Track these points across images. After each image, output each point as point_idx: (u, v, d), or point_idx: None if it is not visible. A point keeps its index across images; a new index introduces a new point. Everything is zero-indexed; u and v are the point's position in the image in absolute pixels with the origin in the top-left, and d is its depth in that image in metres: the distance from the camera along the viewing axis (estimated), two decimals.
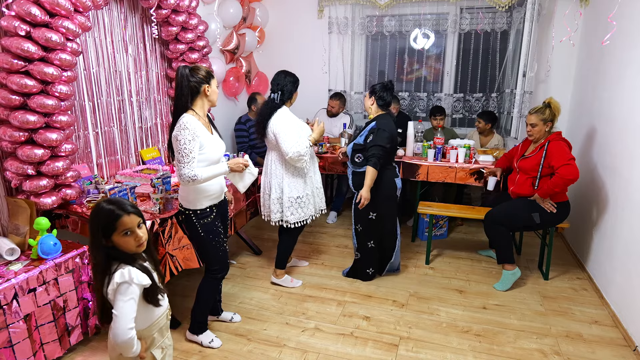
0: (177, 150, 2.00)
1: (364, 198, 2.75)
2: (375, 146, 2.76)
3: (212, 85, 2.13)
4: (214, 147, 2.14)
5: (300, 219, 2.84)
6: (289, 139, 2.63)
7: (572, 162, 2.69)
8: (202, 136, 2.05)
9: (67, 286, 2.18)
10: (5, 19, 2.08)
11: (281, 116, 2.68)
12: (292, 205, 2.79)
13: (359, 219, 2.98)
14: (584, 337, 2.47)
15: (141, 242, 1.44)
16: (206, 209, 2.20)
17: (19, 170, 2.24)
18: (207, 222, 2.21)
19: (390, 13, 4.29)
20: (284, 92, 2.72)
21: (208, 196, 2.19)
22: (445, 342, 2.43)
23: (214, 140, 2.15)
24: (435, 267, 3.34)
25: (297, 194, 2.79)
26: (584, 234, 3.27)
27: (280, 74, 2.77)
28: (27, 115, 2.17)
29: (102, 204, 1.42)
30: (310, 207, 2.86)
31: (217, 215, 2.27)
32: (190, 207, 2.18)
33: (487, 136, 4.07)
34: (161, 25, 3.22)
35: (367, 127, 2.88)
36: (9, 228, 2.33)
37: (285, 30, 4.67)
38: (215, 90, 2.16)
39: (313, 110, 4.49)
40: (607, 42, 2.91)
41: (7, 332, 1.90)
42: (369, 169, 2.75)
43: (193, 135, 1.99)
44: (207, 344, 2.37)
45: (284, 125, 2.65)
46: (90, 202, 2.53)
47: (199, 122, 2.07)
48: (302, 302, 2.84)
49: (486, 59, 4.24)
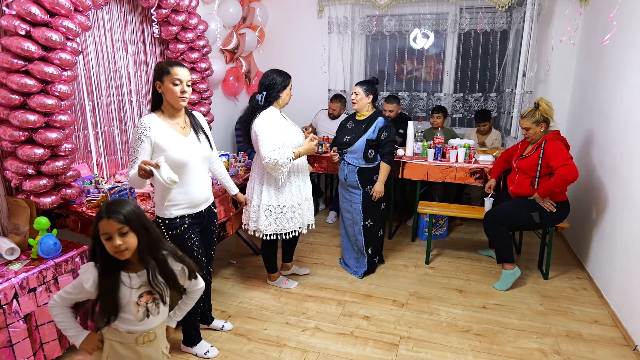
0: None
1: (379, 192, 2.95)
2: (390, 142, 2.93)
3: (165, 82, 1.92)
4: (180, 149, 1.95)
5: (276, 232, 2.64)
6: (267, 142, 2.45)
7: (571, 161, 2.69)
8: (159, 137, 1.91)
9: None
10: (5, 18, 2.08)
11: (264, 118, 2.51)
12: (270, 215, 2.62)
13: (370, 214, 3.04)
14: (584, 337, 2.47)
15: (118, 250, 1.35)
16: (175, 219, 2.02)
17: (19, 170, 2.23)
18: (176, 233, 2.04)
19: (390, 13, 4.29)
20: (270, 92, 2.56)
21: (178, 205, 2.00)
22: (446, 341, 2.43)
23: (182, 142, 1.98)
24: (435, 266, 3.34)
25: (278, 203, 2.61)
26: (584, 234, 3.28)
27: (267, 73, 2.60)
28: (27, 115, 2.17)
29: (107, 202, 1.41)
30: (294, 221, 2.66)
31: (190, 226, 2.07)
32: (159, 215, 2.04)
33: (485, 133, 4.07)
34: (161, 25, 3.22)
35: (376, 124, 2.91)
36: (8, 227, 2.33)
37: (285, 30, 4.67)
38: (168, 88, 1.92)
39: (313, 110, 4.49)
40: (607, 42, 2.91)
41: (7, 331, 1.90)
42: (384, 165, 2.94)
43: (140, 134, 1.89)
44: (203, 355, 2.29)
45: (264, 127, 2.48)
46: (90, 201, 2.53)
47: (163, 122, 1.96)
48: (302, 302, 2.84)
49: (486, 59, 4.24)
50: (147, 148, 1.90)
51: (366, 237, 3.08)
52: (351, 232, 3.15)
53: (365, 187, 2.98)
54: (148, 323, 1.48)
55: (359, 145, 2.93)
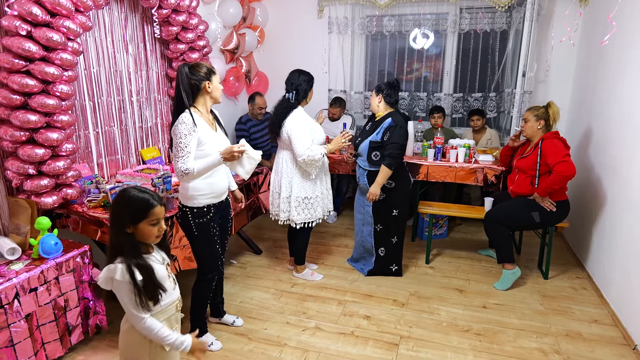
0: (175, 144, 2.01)
1: (374, 195, 2.84)
2: (392, 144, 2.78)
3: (213, 82, 2.12)
4: (215, 144, 2.11)
5: (306, 220, 2.84)
6: (303, 141, 2.63)
7: (568, 158, 2.71)
8: (202, 132, 2.04)
9: (68, 286, 2.18)
10: (6, 19, 2.08)
11: (296, 117, 2.68)
12: (299, 205, 2.80)
13: (380, 218, 3.01)
14: (584, 336, 2.47)
15: (162, 233, 1.48)
16: (203, 207, 2.15)
17: (19, 170, 2.24)
18: (203, 221, 2.16)
19: (390, 13, 4.30)
20: (299, 92, 2.72)
21: (205, 194, 2.14)
22: (446, 341, 2.43)
23: (215, 137, 2.13)
24: (435, 266, 3.34)
25: (306, 194, 2.80)
26: (584, 234, 3.28)
27: (294, 73, 2.76)
28: (28, 115, 2.17)
29: (133, 191, 1.44)
30: (318, 210, 2.86)
31: (215, 215, 2.21)
32: (187, 204, 2.14)
33: (480, 132, 4.09)
34: (161, 25, 3.22)
35: (383, 125, 2.83)
36: (10, 227, 2.33)
37: (285, 30, 4.68)
38: (217, 87, 2.14)
39: (313, 110, 4.48)
40: (606, 42, 2.92)
41: (9, 331, 1.90)
42: (383, 168, 2.81)
43: (189, 129, 1.98)
44: (207, 347, 2.32)
45: (298, 127, 2.65)
46: (90, 201, 2.53)
47: (201, 118, 2.07)
48: (303, 302, 2.84)
49: (486, 59, 4.24)
50: (194, 142, 2.03)
51: (376, 240, 3.07)
52: (360, 233, 3.16)
53: None
54: (177, 289, 1.58)
55: (362, 148, 2.93)
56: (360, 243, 3.21)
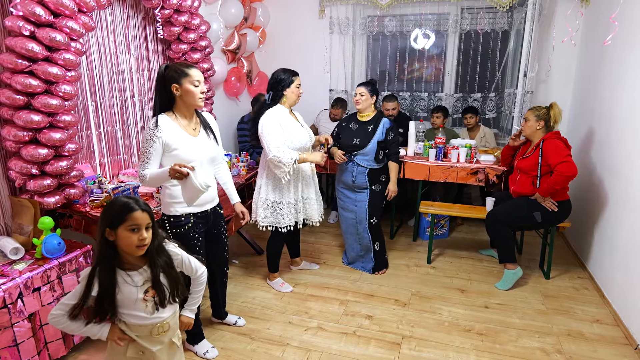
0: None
1: (394, 192, 3.09)
2: (395, 142, 3.05)
3: (184, 85, 1.93)
4: (192, 149, 1.99)
5: (271, 224, 2.75)
6: (270, 139, 2.53)
7: (569, 158, 2.71)
8: (172, 137, 1.94)
9: (71, 285, 2.18)
10: (10, 19, 2.09)
11: (269, 116, 2.58)
12: (267, 208, 2.73)
13: (376, 211, 3.10)
14: (586, 336, 2.48)
15: (144, 243, 1.39)
16: (180, 216, 2.04)
17: (23, 170, 2.24)
18: (181, 232, 2.05)
19: (391, 13, 4.30)
20: (275, 91, 2.64)
21: (182, 202, 1.99)
22: (448, 340, 2.44)
23: (193, 143, 2.01)
24: (437, 266, 3.35)
25: (275, 198, 2.71)
26: (585, 234, 3.28)
27: (274, 73, 2.68)
28: (31, 115, 2.18)
29: (120, 197, 1.43)
30: (286, 217, 2.74)
31: (195, 225, 2.09)
32: (164, 212, 2.07)
33: (474, 130, 4.09)
34: (164, 25, 3.23)
35: (382, 125, 3.01)
36: (13, 227, 2.34)
37: (286, 31, 4.68)
38: (189, 90, 1.94)
39: (314, 110, 4.49)
40: (609, 42, 2.92)
41: (12, 331, 1.90)
42: (394, 165, 3.07)
43: (151, 135, 1.90)
44: (202, 355, 2.29)
45: (268, 125, 2.55)
46: (93, 201, 2.54)
47: (174, 123, 1.97)
48: (305, 302, 2.85)
49: (487, 59, 4.25)
50: (158, 148, 1.93)
51: (372, 234, 3.13)
52: (354, 231, 3.16)
53: (372, 186, 3.04)
54: (160, 315, 1.51)
55: (371, 148, 2.98)
56: (355, 242, 3.22)
